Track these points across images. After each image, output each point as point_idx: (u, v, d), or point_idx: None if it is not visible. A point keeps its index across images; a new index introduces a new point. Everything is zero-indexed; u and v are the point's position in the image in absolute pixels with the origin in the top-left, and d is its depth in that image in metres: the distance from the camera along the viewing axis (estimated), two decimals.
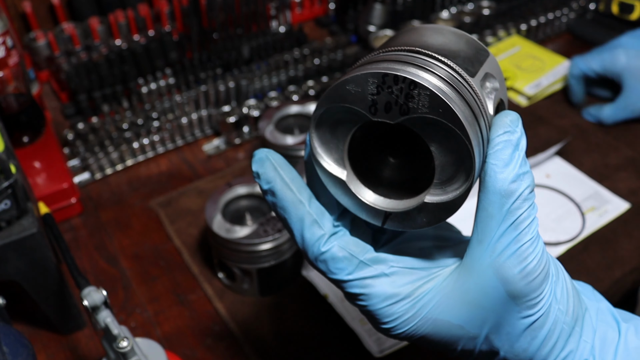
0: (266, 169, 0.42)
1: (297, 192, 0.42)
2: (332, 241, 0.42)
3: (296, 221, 0.42)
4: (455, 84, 0.38)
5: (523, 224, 0.40)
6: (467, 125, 0.36)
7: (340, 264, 0.42)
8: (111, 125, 1.06)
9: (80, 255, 0.90)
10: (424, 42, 0.41)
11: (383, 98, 0.37)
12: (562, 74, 1.20)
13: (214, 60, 1.19)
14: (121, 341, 0.57)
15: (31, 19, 1.20)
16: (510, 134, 0.39)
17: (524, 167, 0.40)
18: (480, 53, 0.42)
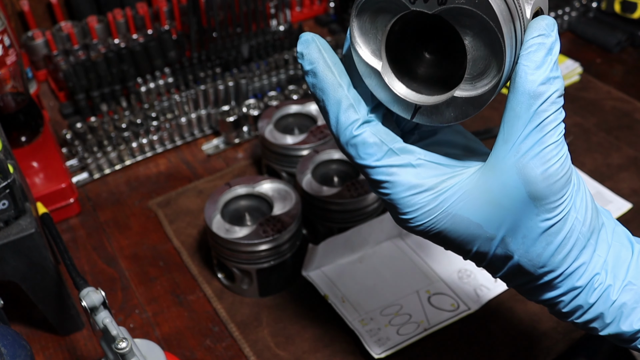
0: (311, 50, 0.43)
1: (337, 76, 0.43)
2: (365, 127, 0.43)
3: (333, 103, 0.43)
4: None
5: (549, 126, 0.41)
6: (502, 20, 0.37)
7: (370, 149, 0.43)
8: (110, 124, 1.06)
9: (78, 255, 0.90)
10: None
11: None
12: (564, 73, 1.20)
13: (213, 59, 1.19)
14: (120, 342, 0.56)
15: (29, 18, 1.19)
16: (544, 37, 0.40)
17: (555, 72, 0.41)
18: None
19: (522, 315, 0.80)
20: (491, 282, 0.83)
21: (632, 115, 1.14)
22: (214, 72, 1.16)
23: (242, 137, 1.08)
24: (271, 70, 1.18)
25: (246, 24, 1.25)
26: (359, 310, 0.79)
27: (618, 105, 1.17)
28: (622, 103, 1.17)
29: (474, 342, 0.77)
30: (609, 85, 1.22)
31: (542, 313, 0.80)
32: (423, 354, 0.75)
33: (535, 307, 0.81)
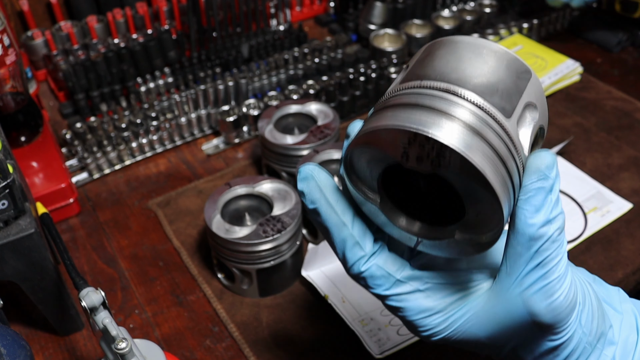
0: (311, 189, 0.44)
1: (340, 215, 0.44)
2: (372, 261, 0.45)
3: (339, 242, 0.45)
4: (486, 135, 0.37)
5: (551, 263, 0.41)
6: (497, 186, 0.37)
7: (378, 281, 0.45)
8: (109, 124, 1.06)
9: (78, 255, 0.89)
10: (460, 71, 0.40)
11: (414, 150, 0.38)
12: (565, 73, 1.20)
13: (213, 59, 1.19)
14: (120, 342, 0.56)
15: (28, 18, 1.19)
16: (543, 180, 0.40)
17: (555, 210, 0.41)
18: (521, 78, 0.41)
19: None
20: None
21: (632, 115, 1.14)
22: (214, 72, 1.15)
23: (242, 137, 1.08)
24: (271, 70, 1.17)
25: (246, 23, 1.25)
26: (359, 310, 0.79)
27: (618, 105, 1.16)
28: (622, 103, 1.17)
29: None
30: (610, 85, 1.22)
31: None
32: (423, 354, 0.75)
33: None
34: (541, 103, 0.42)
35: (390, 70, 1.18)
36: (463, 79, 0.39)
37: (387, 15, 1.31)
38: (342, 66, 1.21)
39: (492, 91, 0.39)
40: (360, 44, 1.32)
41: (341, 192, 0.45)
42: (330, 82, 1.12)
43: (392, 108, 0.39)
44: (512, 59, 0.41)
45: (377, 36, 1.27)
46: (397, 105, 0.39)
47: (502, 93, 0.39)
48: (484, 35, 1.31)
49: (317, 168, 0.45)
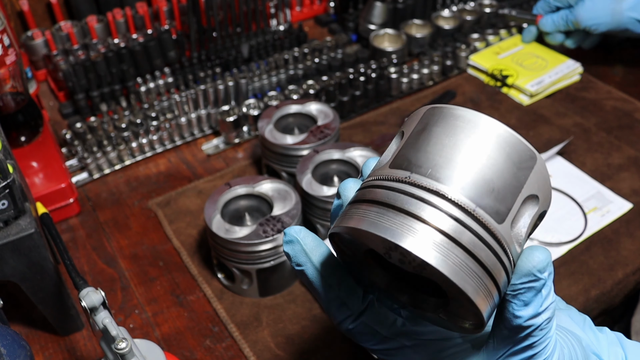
0: (297, 252, 0.43)
1: (327, 277, 0.44)
2: (359, 319, 0.45)
3: (325, 302, 0.45)
4: (470, 246, 0.35)
5: (538, 347, 0.41)
6: (475, 297, 0.35)
7: (365, 337, 0.46)
8: (109, 124, 1.06)
9: (78, 255, 0.89)
10: (454, 164, 0.37)
11: (396, 255, 0.37)
12: (565, 73, 1.20)
13: (213, 59, 1.19)
14: (120, 342, 0.56)
15: (28, 18, 1.19)
16: (534, 282, 0.39)
17: (546, 303, 0.40)
18: (523, 168, 0.38)
19: None
20: None
21: (632, 115, 1.14)
22: (214, 72, 1.15)
23: (242, 137, 1.08)
24: (271, 70, 1.17)
25: (246, 23, 1.25)
26: None
27: (618, 105, 1.16)
28: (622, 103, 1.17)
29: None
30: (610, 85, 1.22)
31: None
32: None
33: None
34: (544, 189, 0.40)
35: (390, 70, 1.18)
36: (457, 175, 0.37)
37: (387, 15, 1.31)
38: (342, 66, 1.21)
39: (487, 191, 0.36)
40: (360, 44, 1.32)
41: (329, 252, 0.44)
42: (330, 82, 1.12)
43: (379, 205, 0.37)
44: (514, 145, 0.38)
45: (377, 36, 1.27)
46: (383, 204, 0.37)
47: (497, 193, 0.37)
48: (484, 35, 1.31)
49: (304, 231, 0.43)
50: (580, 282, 0.84)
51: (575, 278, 0.84)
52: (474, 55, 1.26)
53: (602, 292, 0.83)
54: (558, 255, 0.87)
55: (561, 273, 0.85)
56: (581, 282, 0.84)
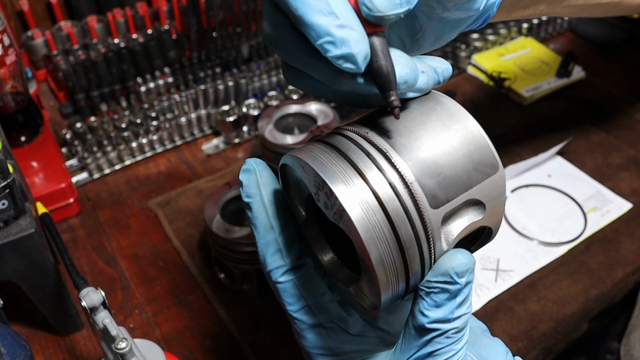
0: (250, 182, 0.42)
1: (271, 217, 0.42)
2: (290, 275, 0.43)
3: (263, 244, 0.43)
4: (393, 215, 0.35)
5: (442, 356, 0.40)
6: (378, 265, 0.35)
7: (289, 299, 0.43)
8: (109, 124, 1.06)
9: (78, 255, 0.89)
10: (415, 138, 0.37)
11: (322, 195, 0.37)
12: (567, 80, 1.20)
13: (213, 59, 1.19)
14: (120, 342, 0.56)
15: (29, 18, 1.19)
16: (449, 285, 0.38)
17: (458, 312, 0.39)
18: (479, 171, 0.37)
19: (522, 315, 0.80)
20: (491, 282, 0.83)
21: (632, 115, 1.14)
22: (214, 72, 1.15)
23: (242, 137, 1.08)
24: (271, 70, 1.17)
25: (246, 23, 1.25)
26: None
27: (618, 105, 1.16)
28: (622, 103, 1.17)
29: None
30: (609, 85, 1.22)
31: (543, 313, 0.80)
32: None
33: (536, 308, 0.81)
34: (494, 203, 0.38)
35: None
36: (411, 147, 0.37)
37: None
38: None
39: (433, 173, 0.36)
40: None
41: (282, 194, 0.43)
42: None
43: (328, 146, 0.38)
44: (480, 146, 0.38)
45: None
46: (332, 146, 0.38)
47: (442, 179, 0.36)
48: (484, 35, 1.31)
49: (262, 165, 0.42)
50: (580, 282, 0.84)
51: (575, 278, 0.84)
52: (477, 55, 1.26)
53: (602, 291, 0.83)
54: (557, 255, 0.87)
55: (561, 273, 0.85)
56: (581, 282, 0.84)
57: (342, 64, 0.33)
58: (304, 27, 0.34)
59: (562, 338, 0.81)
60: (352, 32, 0.33)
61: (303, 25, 0.34)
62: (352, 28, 0.33)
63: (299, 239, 0.43)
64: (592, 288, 0.83)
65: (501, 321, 0.79)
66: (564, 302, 0.81)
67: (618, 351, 0.91)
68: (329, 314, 0.44)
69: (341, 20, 0.33)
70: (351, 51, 0.33)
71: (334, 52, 0.33)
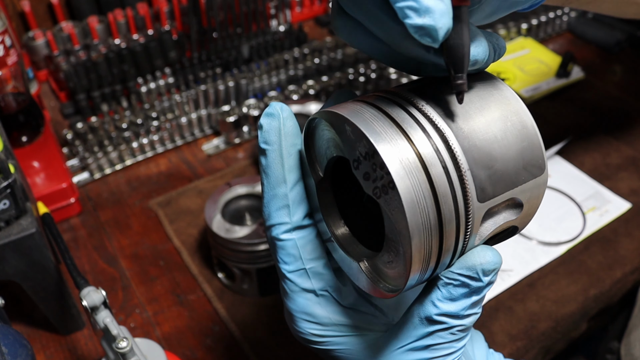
0: (271, 128, 0.39)
1: (286, 170, 0.39)
2: (292, 234, 0.40)
3: (271, 197, 0.40)
4: (442, 202, 0.33)
5: (439, 352, 0.39)
6: (415, 249, 0.33)
7: (286, 259, 0.41)
8: (110, 124, 1.06)
9: (79, 255, 0.90)
10: (474, 124, 0.35)
11: (367, 165, 0.35)
12: (566, 81, 1.20)
13: (214, 59, 1.19)
14: (120, 341, 0.57)
15: (30, 18, 1.20)
16: (473, 280, 0.36)
17: (470, 311, 0.37)
18: (527, 170, 0.36)
19: (522, 315, 0.80)
20: None
21: (631, 115, 1.14)
22: (214, 72, 1.16)
23: (242, 137, 1.08)
24: (271, 70, 1.18)
25: (246, 24, 1.25)
26: None
27: (617, 105, 1.17)
28: (621, 103, 1.17)
29: None
30: (608, 85, 1.22)
31: (542, 313, 0.80)
32: None
33: (535, 307, 0.81)
34: (531, 205, 0.37)
35: (390, 70, 1.18)
36: (469, 133, 0.34)
37: None
38: (342, 66, 1.21)
39: (486, 165, 0.34)
40: None
41: (300, 146, 0.40)
42: (330, 82, 1.13)
43: (381, 112, 0.35)
44: (534, 145, 0.36)
45: None
46: (386, 114, 0.34)
47: (493, 173, 0.34)
48: None
49: (288, 111, 0.39)
50: (579, 281, 0.84)
51: (574, 278, 0.85)
52: None
53: (601, 291, 0.83)
54: (557, 254, 0.87)
55: (560, 273, 0.85)
56: (580, 281, 0.84)
57: (419, 35, 0.29)
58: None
59: (561, 337, 0.81)
60: (440, 3, 0.29)
61: None
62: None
63: (308, 197, 0.41)
64: (591, 288, 0.83)
65: (500, 321, 0.79)
66: (563, 301, 0.82)
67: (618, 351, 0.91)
68: (323, 281, 0.42)
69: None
70: (434, 24, 0.29)
71: (415, 20, 0.29)
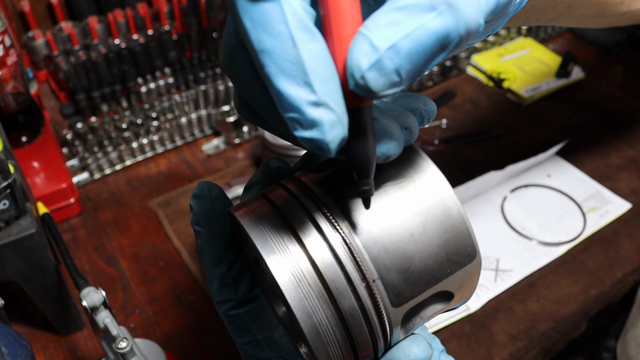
0: (201, 211, 0.38)
1: (222, 250, 0.38)
2: (240, 310, 0.40)
3: (211, 276, 0.39)
4: (350, 308, 0.30)
5: None
6: (309, 330, 0.30)
7: (238, 332, 0.40)
8: (110, 125, 1.06)
9: (79, 255, 0.90)
10: (382, 221, 0.31)
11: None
12: (566, 81, 1.20)
13: (214, 59, 1.19)
14: (120, 342, 0.56)
15: (29, 18, 1.20)
16: None
17: None
18: (452, 262, 0.32)
19: (522, 315, 0.80)
20: (491, 282, 0.83)
21: (631, 116, 1.14)
22: (214, 72, 1.16)
23: (242, 137, 1.08)
24: None
25: None
26: None
27: (617, 106, 1.17)
28: (621, 103, 1.17)
29: (473, 342, 0.77)
30: (608, 86, 1.22)
31: (542, 313, 0.80)
32: None
33: (535, 307, 0.81)
34: (465, 290, 0.34)
35: None
36: (379, 237, 0.31)
37: None
38: None
39: (400, 269, 0.31)
40: None
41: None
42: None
43: (275, 215, 0.32)
44: (460, 234, 0.32)
45: None
46: (283, 218, 0.32)
47: (410, 275, 0.31)
48: None
49: (216, 191, 0.38)
50: (580, 281, 0.84)
51: (574, 278, 0.85)
52: (476, 55, 1.26)
53: (601, 291, 0.83)
54: (557, 255, 0.87)
55: (560, 273, 0.85)
56: (580, 281, 0.84)
57: (310, 147, 0.27)
58: (270, 89, 0.27)
59: (562, 338, 0.81)
60: (329, 113, 0.26)
61: (269, 87, 0.27)
62: (329, 107, 0.26)
63: (250, 271, 0.40)
64: (591, 288, 0.83)
65: (501, 321, 0.79)
66: (563, 301, 0.82)
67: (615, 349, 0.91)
68: (279, 349, 0.41)
69: (317, 96, 0.26)
70: (323, 138, 0.26)
71: (302, 133, 0.27)
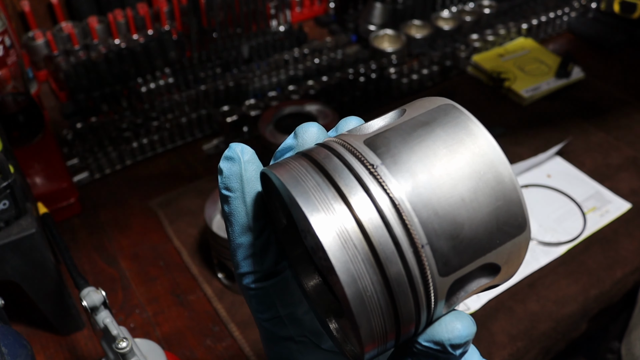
0: (232, 174, 0.36)
1: (251, 218, 0.36)
2: (264, 283, 0.37)
3: (237, 245, 0.37)
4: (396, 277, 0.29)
5: None
6: (364, 330, 0.29)
7: (260, 307, 0.38)
8: (110, 125, 1.06)
9: (79, 255, 0.90)
10: (435, 184, 0.29)
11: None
12: (566, 81, 1.20)
13: (214, 59, 1.19)
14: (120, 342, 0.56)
15: (30, 18, 1.20)
16: (442, 353, 0.32)
17: None
18: (502, 231, 0.30)
19: (522, 315, 0.80)
20: None
21: (631, 115, 1.14)
22: (214, 72, 1.16)
23: (243, 137, 1.08)
24: (271, 70, 1.18)
25: (246, 24, 1.25)
26: None
27: (617, 106, 1.17)
28: (621, 103, 1.17)
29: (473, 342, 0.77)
30: (609, 86, 1.22)
31: (542, 313, 0.80)
32: None
33: (535, 307, 0.81)
34: (511, 265, 0.32)
35: (390, 70, 1.18)
36: (429, 200, 0.29)
37: (386, 16, 1.31)
38: (342, 67, 1.21)
39: (450, 235, 0.29)
40: (360, 44, 1.32)
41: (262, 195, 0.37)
42: (330, 82, 1.13)
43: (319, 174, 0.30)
44: (511, 203, 0.30)
45: (377, 37, 1.28)
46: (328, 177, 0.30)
47: (459, 242, 0.29)
48: (483, 36, 1.31)
49: (249, 154, 0.36)
50: (580, 281, 0.84)
51: (574, 278, 0.85)
52: (477, 55, 1.26)
53: (601, 291, 0.83)
54: (557, 255, 0.87)
55: (560, 273, 0.85)
56: (580, 281, 0.84)
57: None
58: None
59: (562, 338, 0.81)
60: None
61: None
62: None
63: (278, 242, 0.38)
64: (591, 288, 0.83)
65: (501, 321, 0.79)
66: (563, 301, 0.82)
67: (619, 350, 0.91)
68: (301, 327, 0.39)
69: None
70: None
71: None
